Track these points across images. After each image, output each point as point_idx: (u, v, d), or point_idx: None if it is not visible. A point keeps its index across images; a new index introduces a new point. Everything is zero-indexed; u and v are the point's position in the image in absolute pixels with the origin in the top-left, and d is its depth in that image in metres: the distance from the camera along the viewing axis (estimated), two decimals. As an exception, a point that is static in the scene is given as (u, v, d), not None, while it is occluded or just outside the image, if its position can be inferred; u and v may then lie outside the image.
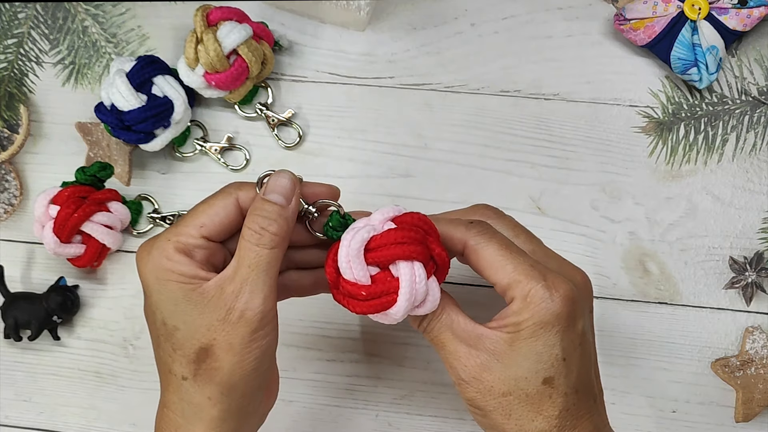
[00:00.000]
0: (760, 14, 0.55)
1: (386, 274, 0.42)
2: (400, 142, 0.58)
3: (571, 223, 0.57)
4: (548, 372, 0.41)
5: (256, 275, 0.41)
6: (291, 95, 0.59)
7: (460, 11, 0.59)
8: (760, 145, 0.57)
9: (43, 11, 0.61)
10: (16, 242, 0.59)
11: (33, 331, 0.56)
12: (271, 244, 0.41)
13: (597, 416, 0.43)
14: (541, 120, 0.58)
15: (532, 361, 0.41)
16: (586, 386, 0.42)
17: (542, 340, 0.40)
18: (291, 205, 0.42)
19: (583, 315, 0.42)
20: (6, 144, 0.60)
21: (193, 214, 0.43)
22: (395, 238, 0.41)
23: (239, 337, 0.41)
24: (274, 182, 0.43)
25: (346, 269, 0.42)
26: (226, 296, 0.41)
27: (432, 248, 0.42)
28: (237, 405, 0.42)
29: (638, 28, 0.56)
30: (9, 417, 0.58)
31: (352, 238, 0.41)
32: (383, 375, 0.57)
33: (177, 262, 0.41)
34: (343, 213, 0.44)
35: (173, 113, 0.56)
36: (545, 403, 0.41)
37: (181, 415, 0.43)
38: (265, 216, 0.41)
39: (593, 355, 0.44)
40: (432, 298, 0.42)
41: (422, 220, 0.43)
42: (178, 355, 0.42)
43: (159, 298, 0.42)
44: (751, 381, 0.54)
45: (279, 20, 0.60)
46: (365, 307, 0.42)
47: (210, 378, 0.41)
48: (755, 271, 0.56)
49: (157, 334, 0.43)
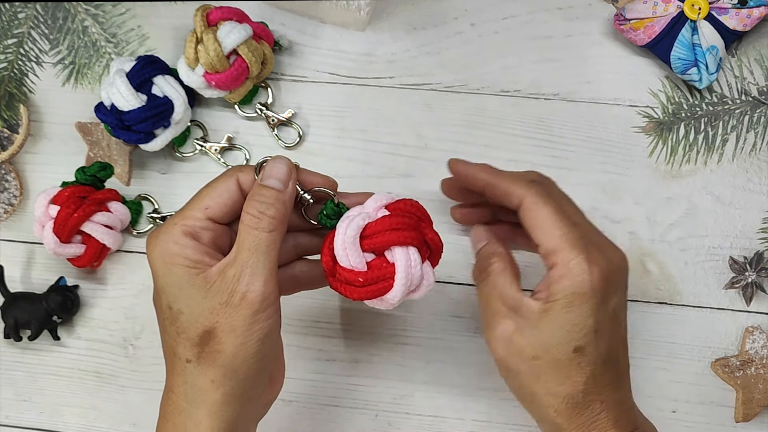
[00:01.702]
0: (760, 14, 0.55)
1: (382, 260, 0.43)
2: (400, 142, 0.58)
3: (571, 223, 0.57)
4: (580, 341, 0.43)
5: (256, 258, 0.42)
6: (291, 95, 0.59)
7: (460, 11, 0.59)
8: (760, 145, 0.57)
9: (43, 11, 0.61)
10: (16, 242, 0.59)
11: (33, 331, 0.56)
12: (269, 227, 0.42)
13: (621, 390, 0.45)
14: (541, 120, 0.58)
15: (565, 330, 0.43)
16: (614, 360, 0.44)
17: (578, 311, 0.42)
18: (288, 189, 0.44)
19: (617, 293, 0.44)
20: (6, 144, 0.60)
21: (198, 198, 0.44)
22: (390, 224, 0.43)
23: (241, 319, 0.42)
24: (271, 168, 0.44)
25: (342, 257, 0.43)
26: (228, 280, 0.42)
27: (425, 233, 0.44)
28: (240, 389, 0.43)
29: (638, 28, 0.56)
30: (9, 417, 0.58)
31: (348, 225, 0.42)
32: (383, 375, 0.57)
33: (184, 245, 0.43)
34: (337, 201, 0.45)
35: (173, 113, 0.56)
36: (574, 370, 0.43)
37: (184, 399, 0.43)
38: (263, 201, 0.43)
39: (623, 333, 0.46)
40: (427, 282, 0.44)
41: (415, 207, 0.44)
42: (182, 339, 0.43)
43: (165, 282, 0.43)
44: (751, 381, 0.54)
45: (279, 20, 0.60)
46: (362, 293, 0.43)
47: (213, 361, 0.42)
48: (755, 271, 0.56)
49: (163, 318, 0.44)
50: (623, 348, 0.46)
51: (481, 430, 0.56)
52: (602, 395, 0.43)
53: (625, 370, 0.46)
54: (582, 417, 0.43)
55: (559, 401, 0.43)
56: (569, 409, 0.43)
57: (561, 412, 0.43)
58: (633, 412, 0.46)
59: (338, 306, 0.57)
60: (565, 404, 0.43)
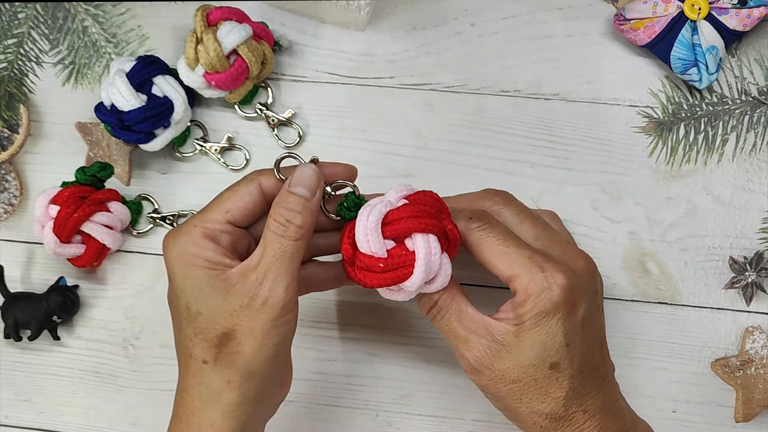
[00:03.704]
0: (760, 14, 0.55)
1: (402, 247, 0.43)
2: (400, 142, 0.58)
3: (571, 223, 0.57)
4: (553, 358, 0.43)
5: (280, 264, 0.42)
6: (291, 95, 0.59)
7: (460, 11, 0.59)
8: (760, 145, 0.57)
9: (43, 11, 0.61)
10: (16, 242, 0.59)
11: (33, 331, 0.56)
12: (295, 236, 0.43)
13: (606, 393, 0.45)
14: (541, 120, 0.58)
15: (538, 350, 0.43)
16: (592, 367, 0.44)
17: (545, 329, 0.43)
18: (315, 197, 0.44)
19: (585, 300, 0.44)
20: (6, 144, 0.60)
21: (219, 201, 0.45)
22: (411, 212, 0.43)
23: (261, 324, 0.42)
24: (299, 175, 0.44)
25: (363, 243, 0.43)
26: (250, 283, 0.42)
27: (444, 224, 0.44)
28: (255, 391, 0.43)
29: (638, 28, 0.56)
30: (9, 417, 0.58)
31: (370, 212, 0.43)
32: (383, 375, 0.57)
33: (203, 247, 0.43)
34: (358, 194, 0.46)
35: (173, 113, 0.56)
36: (552, 386, 0.43)
37: (199, 399, 0.43)
38: (291, 208, 0.43)
39: (599, 336, 0.46)
40: (444, 273, 0.44)
41: (434, 198, 0.45)
42: (200, 339, 0.43)
43: (184, 283, 0.43)
44: (751, 381, 0.54)
45: (279, 20, 0.60)
46: (381, 280, 0.43)
47: (231, 362, 0.42)
48: (755, 271, 0.56)
49: (179, 318, 0.44)
50: (601, 352, 0.46)
51: (481, 430, 0.56)
52: (584, 405, 0.44)
53: (607, 373, 0.46)
54: (567, 429, 0.44)
55: (543, 418, 0.44)
56: (553, 423, 0.44)
57: (546, 428, 0.44)
58: (621, 414, 0.46)
59: (338, 306, 0.57)
60: (548, 420, 0.44)
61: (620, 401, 0.47)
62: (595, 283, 0.46)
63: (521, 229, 0.46)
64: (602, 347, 0.46)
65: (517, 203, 0.48)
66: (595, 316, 0.45)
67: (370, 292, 0.52)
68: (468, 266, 0.49)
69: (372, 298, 0.57)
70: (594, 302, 0.45)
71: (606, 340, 0.47)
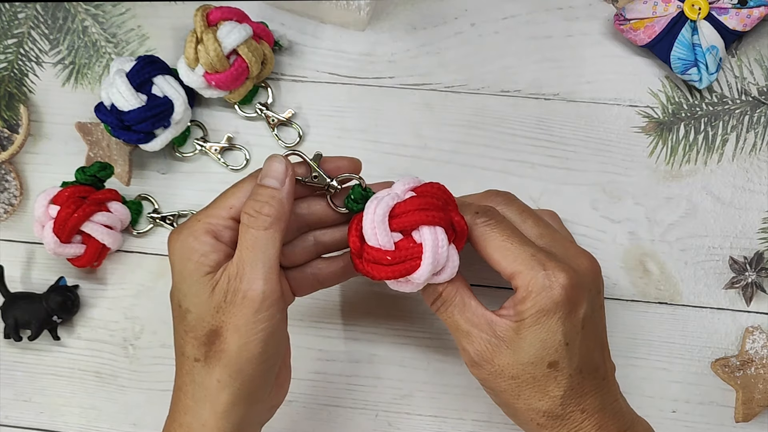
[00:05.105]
0: (760, 14, 0.55)
1: (409, 240, 0.43)
2: (400, 142, 0.58)
3: (571, 223, 0.57)
4: (553, 357, 0.43)
5: (254, 256, 0.42)
6: (291, 95, 0.59)
7: (460, 11, 0.59)
8: (760, 145, 0.57)
9: (43, 11, 0.61)
10: (16, 242, 0.59)
11: (33, 331, 0.56)
12: (264, 225, 0.43)
13: (605, 392, 0.45)
14: (541, 120, 0.58)
15: (537, 348, 0.43)
16: (591, 367, 0.44)
17: (545, 328, 0.43)
18: (285, 187, 0.44)
19: (586, 299, 0.44)
20: (6, 144, 0.60)
21: (223, 197, 0.45)
22: (418, 204, 0.43)
23: (244, 318, 0.42)
24: (267, 167, 0.45)
25: (371, 236, 0.43)
26: (230, 279, 0.42)
27: (452, 216, 0.44)
28: (245, 390, 0.43)
29: (638, 28, 0.56)
30: (9, 417, 0.58)
31: (377, 205, 0.43)
32: (383, 375, 0.57)
33: (204, 242, 0.43)
34: (365, 186, 0.46)
35: (173, 113, 0.56)
36: (551, 385, 0.43)
37: (191, 398, 0.44)
38: (258, 199, 0.43)
39: (600, 336, 0.46)
40: (451, 265, 0.44)
41: (441, 190, 0.45)
42: (190, 337, 0.43)
43: (179, 279, 0.44)
44: (751, 381, 0.54)
45: (279, 20, 0.60)
46: (389, 272, 0.43)
47: (218, 360, 0.42)
48: (755, 271, 0.56)
49: (174, 315, 0.45)
50: (601, 352, 0.46)
51: (481, 430, 0.56)
52: (582, 405, 0.44)
53: (607, 373, 0.46)
54: (564, 428, 0.44)
55: (540, 416, 0.44)
56: (550, 421, 0.44)
57: (543, 425, 0.44)
58: (620, 413, 0.46)
59: (339, 306, 0.57)
60: (545, 418, 0.44)
61: (620, 401, 0.46)
62: (598, 282, 0.46)
63: (524, 227, 0.46)
64: (603, 347, 0.46)
65: (519, 203, 0.48)
66: (596, 315, 0.45)
67: (370, 292, 0.52)
68: (469, 266, 0.49)
69: (372, 297, 0.57)
70: (596, 302, 0.45)
71: (607, 340, 0.47)
